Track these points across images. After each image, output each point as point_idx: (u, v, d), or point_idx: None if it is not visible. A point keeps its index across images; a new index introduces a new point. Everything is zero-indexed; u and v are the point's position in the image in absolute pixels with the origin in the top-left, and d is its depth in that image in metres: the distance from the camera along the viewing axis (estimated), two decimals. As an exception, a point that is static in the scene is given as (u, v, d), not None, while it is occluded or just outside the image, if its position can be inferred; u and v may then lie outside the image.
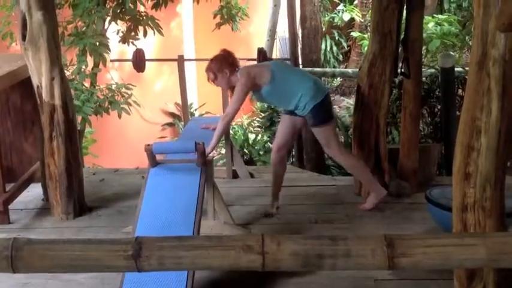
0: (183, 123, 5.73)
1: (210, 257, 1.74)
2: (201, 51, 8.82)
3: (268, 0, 8.52)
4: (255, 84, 3.80)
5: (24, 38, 3.79)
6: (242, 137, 7.59)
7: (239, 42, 9.19)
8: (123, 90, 6.24)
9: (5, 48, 6.13)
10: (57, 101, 3.88)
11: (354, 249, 1.74)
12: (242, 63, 4.03)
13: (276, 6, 8.02)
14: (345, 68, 10.87)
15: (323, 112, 3.84)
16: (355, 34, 10.00)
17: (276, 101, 4.08)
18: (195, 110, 8.71)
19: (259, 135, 7.90)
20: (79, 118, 5.54)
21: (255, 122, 8.84)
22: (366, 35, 9.01)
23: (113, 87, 6.27)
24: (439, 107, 5.65)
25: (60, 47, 3.99)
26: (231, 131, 5.45)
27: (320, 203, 4.29)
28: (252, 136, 7.79)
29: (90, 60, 5.95)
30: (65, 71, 4.40)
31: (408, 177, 4.36)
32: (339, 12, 10.84)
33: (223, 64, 3.86)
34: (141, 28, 6.14)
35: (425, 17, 6.89)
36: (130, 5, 5.84)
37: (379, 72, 4.16)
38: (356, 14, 10.45)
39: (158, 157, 3.53)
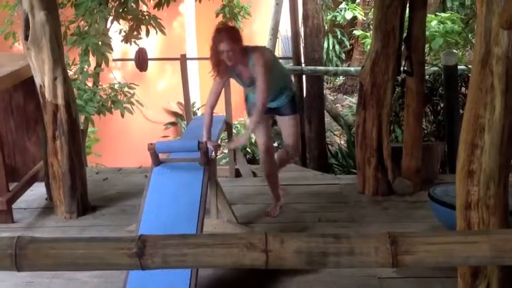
0: (185, 122, 5.73)
1: (213, 255, 1.74)
2: (204, 50, 8.79)
3: (271, -1, 8.52)
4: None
5: (26, 37, 3.80)
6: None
7: (241, 41, 9.18)
8: (126, 89, 6.25)
9: (7, 48, 6.14)
10: (60, 101, 3.88)
11: (358, 247, 1.74)
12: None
13: (278, 4, 8.00)
14: (348, 66, 10.85)
15: (296, 102, 3.92)
16: (357, 32, 9.99)
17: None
18: (198, 109, 8.71)
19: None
20: (82, 117, 5.55)
21: (257, 121, 8.81)
22: (368, 34, 9.00)
23: (116, 86, 6.28)
24: (442, 105, 5.65)
25: (62, 46, 4.00)
26: (233, 130, 5.45)
27: (323, 202, 4.29)
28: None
29: (92, 60, 5.95)
30: (68, 71, 4.41)
31: (411, 175, 4.36)
32: (341, 10, 10.82)
33: (238, 35, 3.57)
34: (143, 27, 6.14)
35: (428, 15, 6.88)
36: (132, 4, 5.84)
37: (381, 71, 4.15)
38: (358, 12, 10.44)
39: (161, 156, 3.53)
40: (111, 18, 6.06)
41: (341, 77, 10.99)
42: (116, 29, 6.23)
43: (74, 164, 4.00)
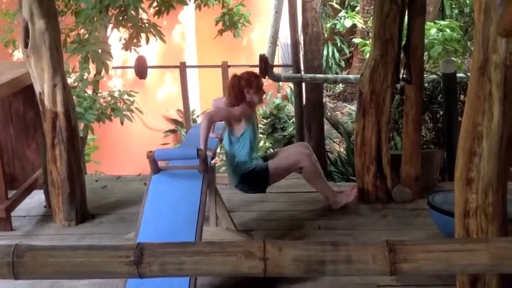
0: (185, 129, 5.74)
1: (211, 263, 1.74)
2: (203, 58, 8.84)
3: (270, 6, 8.54)
4: None
5: (26, 45, 3.80)
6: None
7: (241, 49, 9.21)
8: (126, 97, 6.26)
9: (7, 56, 6.16)
10: (60, 108, 3.89)
11: (356, 255, 1.74)
12: (244, 70, 4.05)
13: (278, 12, 8.02)
14: (347, 74, 10.88)
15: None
16: (357, 40, 10.01)
17: None
18: (197, 116, 8.72)
19: (262, 142, 7.89)
20: (81, 125, 5.56)
21: (257, 128, 8.82)
22: (367, 41, 9.02)
23: (115, 94, 6.30)
24: (441, 112, 5.64)
25: (62, 54, 4.00)
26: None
27: (322, 209, 4.28)
28: (254, 142, 7.76)
29: (92, 67, 5.96)
30: (67, 78, 4.41)
31: (410, 183, 4.35)
32: (340, 18, 10.85)
33: None
34: (143, 35, 6.16)
35: (427, 22, 6.89)
36: (132, 12, 5.86)
37: (380, 79, 4.16)
38: (358, 21, 10.47)
39: (160, 164, 3.53)
40: (111, 26, 6.08)
41: (340, 84, 11.00)
42: (116, 37, 6.25)
43: (72, 172, 4.00)
